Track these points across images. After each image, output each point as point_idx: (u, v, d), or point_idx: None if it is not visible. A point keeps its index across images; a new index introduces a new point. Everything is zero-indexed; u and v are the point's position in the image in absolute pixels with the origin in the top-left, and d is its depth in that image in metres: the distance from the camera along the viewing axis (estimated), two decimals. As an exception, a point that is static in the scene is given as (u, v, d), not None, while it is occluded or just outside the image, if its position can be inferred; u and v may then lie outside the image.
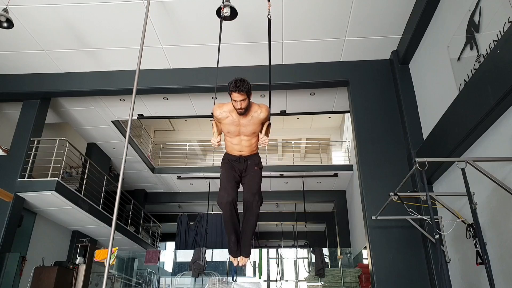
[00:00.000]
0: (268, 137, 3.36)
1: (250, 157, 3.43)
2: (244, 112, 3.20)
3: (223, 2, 4.24)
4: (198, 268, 8.03)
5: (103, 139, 9.60)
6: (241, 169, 3.40)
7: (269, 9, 3.92)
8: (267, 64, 6.32)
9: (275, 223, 14.01)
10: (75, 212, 7.69)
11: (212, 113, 3.39)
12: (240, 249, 3.48)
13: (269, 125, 3.40)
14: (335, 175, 10.98)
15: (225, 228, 3.43)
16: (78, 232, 9.10)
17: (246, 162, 3.42)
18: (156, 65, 6.40)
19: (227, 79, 6.58)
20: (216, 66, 3.78)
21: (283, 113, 7.87)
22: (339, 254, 9.56)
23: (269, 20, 3.82)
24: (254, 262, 8.96)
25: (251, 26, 5.54)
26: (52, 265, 6.91)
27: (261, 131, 3.35)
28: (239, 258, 3.52)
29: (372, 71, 6.18)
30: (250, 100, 3.26)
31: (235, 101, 3.14)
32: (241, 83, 3.11)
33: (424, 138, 5.17)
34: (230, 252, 3.53)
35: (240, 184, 3.45)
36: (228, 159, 3.46)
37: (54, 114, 8.16)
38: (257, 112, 3.28)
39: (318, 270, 7.98)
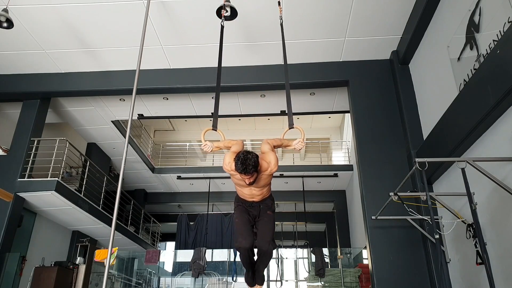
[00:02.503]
0: (303, 140, 3.24)
1: (262, 202, 3.44)
2: (253, 182, 3.08)
3: (223, 2, 4.24)
4: (198, 268, 8.03)
5: (103, 139, 9.60)
6: (255, 214, 3.44)
7: (280, 13, 3.93)
8: (267, 64, 6.39)
9: (275, 223, 13.99)
10: (75, 212, 7.69)
11: (213, 113, 3.35)
12: (255, 280, 3.60)
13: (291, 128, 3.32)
14: (335, 175, 10.97)
15: (243, 264, 3.52)
16: (78, 232, 9.10)
17: (259, 206, 3.44)
18: (156, 65, 6.40)
19: (227, 79, 6.61)
20: (216, 66, 3.77)
21: (283, 113, 7.86)
22: (339, 254, 9.55)
23: (281, 24, 3.82)
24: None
25: (251, 26, 5.54)
26: (52, 265, 6.92)
27: (286, 146, 3.34)
28: (255, 286, 3.66)
29: (372, 71, 6.19)
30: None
31: (243, 178, 3.00)
32: (247, 165, 2.86)
33: (424, 138, 5.17)
34: (246, 281, 3.65)
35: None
36: (242, 202, 3.47)
37: (54, 114, 8.16)
38: (267, 170, 3.11)
39: (318, 270, 7.99)
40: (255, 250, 3.46)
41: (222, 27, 3.89)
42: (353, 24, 5.50)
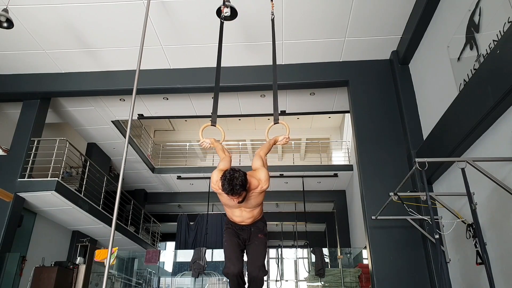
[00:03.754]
0: (287, 136, 3.17)
1: (254, 224, 3.24)
2: (242, 201, 2.90)
3: (223, 3, 4.24)
4: (198, 268, 8.03)
5: (103, 139, 9.60)
6: (245, 238, 3.23)
7: (272, 8, 3.94)
8: (267, 64, 6.38)
9: (275, 223, 14.00)
10: (75, 212, 7.69)
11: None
12: None
13: (276, 123, 3.26)
14: (335, 175, 10.98)
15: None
16: (78, 232, 9.10)
17: (250, 229, 3.24)
18: (156, 65, 6.40)
19: (227, 79, 6.60)
20: (216, 66, 3.77)
21: (283, 113, 7.87)
22: (339, 254, 9.56)
23: (273, 20, 3.82)
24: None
25: (251, 26, 5.54)
26: (52, 265, 6.91)
27: (275, 143, 3.23)
28: None
29: (372, 71, 6.18)
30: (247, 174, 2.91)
31: (231, 199, 2.82)
32: (234, 186, 2.68)
33: (424, 138, 5.17)
34: None
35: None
36: (231, 225, 3.27)
37: (54, 114, 8.16)
38: (257, 188, 2.95)
39: (318, 270, 7.99)
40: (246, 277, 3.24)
41: (222, 23, 3.89)
42: (353, 24, 5.50)
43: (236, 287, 3.14)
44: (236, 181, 2.69)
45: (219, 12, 4.22)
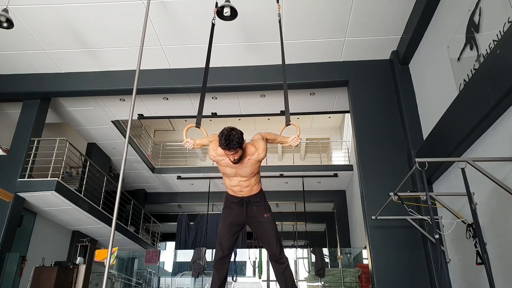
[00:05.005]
0: (298, 135, 3.14)
1: (254, 198, 3.27)
2: (238, 161, 3.00)
3: (223, 3, 4.25)
4: (198, 268, 8.03)
5: (103, 139, 9.59)
6: (245, 216, 3.26)
7: (278, 10, 3.95)
8: (267, 64, 6.39)
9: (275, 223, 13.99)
10: (75, 212, 7.69)
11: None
12: None
13: (288, 125, 3.25)
14: (335, 175, 10.97)
15: (212, 282, 3.29)
16: (78, 232, 9.10)
17: (252, 205, 3.27)
18: (156, 65, 6.40)
19: (227, 79, 6.62)
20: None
21: (283, 113, 7.85)
22: (339, 254, 9.56)
23: (280, 21, 3.84)
24: (254, 262, 8.96)
25: (251, 26, 5.54)
26: (52, 265, 6.91)
27: (282, 142, 3.22)
28: None
29: (372, 71, 6.18)
30: (245, 143, 3.02)
31: (227, 154, 2.94)
32: (230, 141, 2.83)
33: (424, 138, 5.17)
34: None
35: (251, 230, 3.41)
36: (230, 202, 3.32)
37: (54, 114, 8.16)
38: (254, 155, 3.06)
39: (318, 270, 7.98)
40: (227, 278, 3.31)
41: (213, 24, 3.93)
42: (353, 24, 5.50)
43: (220, 274, 3.26)
44: (233, 137, 2.83)
45: (219, 12, 4.22)
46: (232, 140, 2.82)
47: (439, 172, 4.66)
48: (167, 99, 7.57)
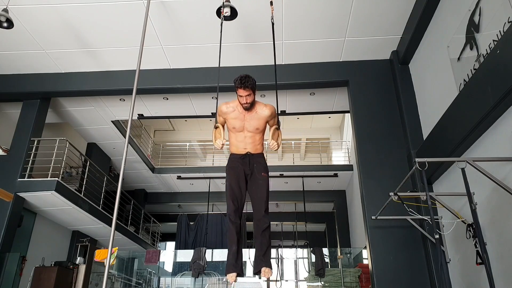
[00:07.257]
0: (277, 142, 3.43)
1: (255, 157, 3.47)
2: (249, 107, 3.37)
3: (223, 3, 4.25)
4: (198, 268, 8.02)
5: (103, 139, 9.59)
6: (247, 172, 3.43)
7: (272, 12, 3.95)
8: (267, 64, 6.38)
9: (275, 223, 14.00)
10: (75, 212, 7.69)
11: (213, 113, 3.42)
12: (239, 263, 3.38)
13: (277, 128, 3.48)
14: (335, 175, 10.97)
15: (228, 238, 3.35)
16: (78, 232, 9.10)
17: (252, 163, 3.44)
18: (156, 65, 6.40)
19: (227, 79, 6.58)
20: (216, 66, 3.79)
21: (283, 113, 7.86)
22: (339, 254, 9.56)
23: (273, 24, 3.85)
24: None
25: (251, 26, 5.54)
26: (52, 265, 6.91)
27: (272, 137, 3.42)
28: (232, 274, 3.37)
29: (372, 71, 6.18)
30: (256, 100, 3.43)
31: (241, 96, 3.34)
32: (246, 79, 3.29)
33: (424, 138, 5.17)
34: (227, 267, 3.34)
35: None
36: (234, 160, 3.48)
37: (54, 114, 8.16)
38: (262, 110, 3.44)
39: (318, 270, 7.98)
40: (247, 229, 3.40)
41: (221, 23, 3.96)
42: (353, 24, 5.50)
43: (235, 228, 3.31)
44: (248, 78, 3.33)
45: (218, 12, 4.22)
46: (247, 81, 3.28)
47: (439, 172, 4.66)
48: (167, 99, 7.57)
